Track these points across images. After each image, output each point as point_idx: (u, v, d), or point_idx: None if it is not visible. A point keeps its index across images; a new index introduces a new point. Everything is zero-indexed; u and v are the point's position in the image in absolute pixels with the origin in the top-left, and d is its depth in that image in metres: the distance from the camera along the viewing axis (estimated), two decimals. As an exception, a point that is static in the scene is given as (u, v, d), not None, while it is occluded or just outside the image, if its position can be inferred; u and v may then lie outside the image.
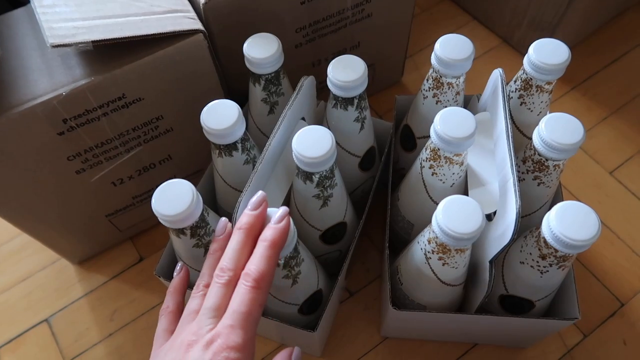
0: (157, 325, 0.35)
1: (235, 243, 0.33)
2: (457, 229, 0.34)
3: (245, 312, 0.30)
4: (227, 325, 0.29)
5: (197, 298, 0.33)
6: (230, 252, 0.33)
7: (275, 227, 0.33)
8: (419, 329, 0.51)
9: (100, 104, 0.42)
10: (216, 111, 0.40)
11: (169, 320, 0.35)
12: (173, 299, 0.37)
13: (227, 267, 0.32)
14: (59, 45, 0.37)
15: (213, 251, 0.35)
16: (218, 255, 0.34)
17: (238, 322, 0.29)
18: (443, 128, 0.38)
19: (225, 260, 0.32)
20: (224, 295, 0.31)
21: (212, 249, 0.35)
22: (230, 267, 0.32)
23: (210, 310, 0.31)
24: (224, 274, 0.32)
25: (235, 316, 0.30)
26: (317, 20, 0.52)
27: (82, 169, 0.47)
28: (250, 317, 0.30)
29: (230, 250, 0.33)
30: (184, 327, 0.32)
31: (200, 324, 0.30)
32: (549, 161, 0.39)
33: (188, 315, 0.32)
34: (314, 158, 0.37)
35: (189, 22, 0.42)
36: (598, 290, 0.56)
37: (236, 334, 0.29)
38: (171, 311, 0.36)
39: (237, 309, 0.30)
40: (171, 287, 0.38)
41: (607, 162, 0.64)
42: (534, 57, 0.41)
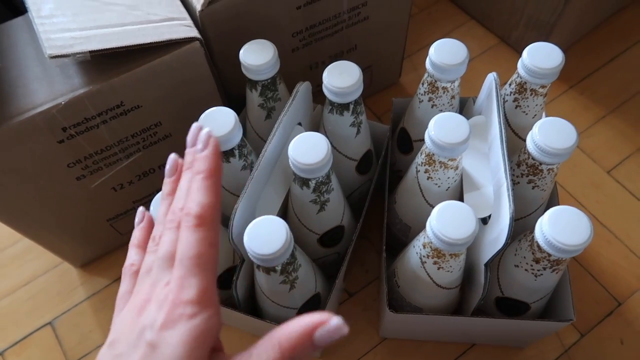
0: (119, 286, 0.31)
1: (185, 181, 0.29)
2: (451, 234, 0.35)
3: (193, 255, 0.25)
4: (177, 277, 0.25)
5: (152, 253, 0.29)
6: (181, 192, 0.29)
7: (202, 155, 0.29)
8: (417, 330, 0.52)
9: (99, 112, 0.43)
10: (213, 118, 0.41)
11: (132, 280, 0.30)
12: (138, 255, 0.31)
13: (177, 208, 0.28)
14: (58, 56, 0.37)
15: (165, 195, 0.31)
16: (170, 199, 0.30)
17: (188, 270, 0.25)
18: (437, 134, 0.38)
19: (175, 202, 0.28)
20: (176, 239, 0.27)
21: (164, 193, 0.31)
22: (181, 206, 0.28)
23: (163, 260, 0.27)
24: (175, 217, 0.28)
25: (183, 264, 0.25)
26: (314, 24, 0.53)
27: (82, 176, 0.47)
28: (201, 260, 0.26)
29: (181, 190, 0.29)
30: (139, 286, 0.28)
31: (154, 279, 0.27)
32: (543, 165, 0.39)
33: (143, 273, 0.28)
34: (309, 164, 0.38)
35: (186, 30, 0.42)
36: (595, 290, 0.56)
37: (188, 284, 0.25)
38: (136, 270, 0.30)
39: (183, 255, 0.26)
40: (134, 240, 0.32)
41: (605, 162, 0.64)
42: (527, 62, 0.41)
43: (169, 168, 0.31)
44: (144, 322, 0.25)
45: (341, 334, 0.24)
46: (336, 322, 0.24)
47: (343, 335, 0.24)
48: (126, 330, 0.26)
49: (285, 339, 0.24)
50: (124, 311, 0.27)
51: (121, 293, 0.29)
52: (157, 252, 0.27)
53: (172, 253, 0.27)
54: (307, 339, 0.24)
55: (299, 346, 0.24)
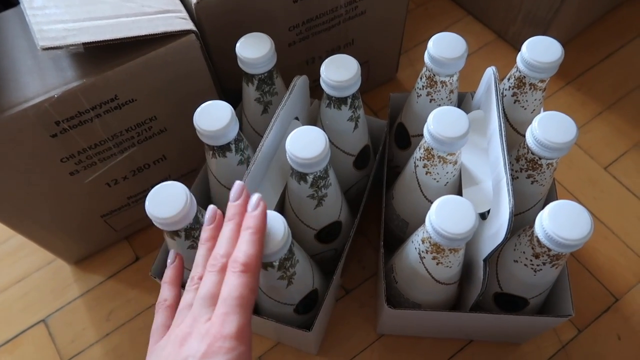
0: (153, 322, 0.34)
1: (228, 231, 0.32)
2: (451, 229, 0.35)
3: (237, 297, 0.29)
4: (220, 314, 0.29)
5: (191, 291, 0.32)
6: (224, 240, 0.32)
7: (253, 214, 0.33)
8: (414, 326, 0.51)
9: (92, 105, 0.42)
10: (209, 112, 0.40)
11: (166, 314, 0.34)
12: (170, 291, 0.35)
13: (219, 255, 0.31)
14: (50, 48, 0.36)
15: (204, 241, 0.34)
16: (210, 245, 0.34)
17: (230, 309, 0.29)
18: (436, 128, 0.38)
19: (217, 249, 0.32)
20: (218, 283, 0.30)
21: (204, 238, 0.34)
22: (223, 254, 0.31)
23: (204, 299, 0.30)
24: (217, 262, 0.31)
25: (227, 303, 0.29)
26: (311, 18, 0.52)
27: (75, 171, 0.47)
28: (243, 302, 0.29)
29: (223, 239, 0.32)
30: (179, 320, 0.31)
31: (195, 315, 0.30)
32: (542, 160, 0.39)
33: (183, 309, 0.31)
34: (307, 159, 0.37)
35: (181, 23, 0.42)
36: (592, 286, 0.56)
37: (230, 320, 0.28)
38: (169, 305, 0.34)
39: (227, 295, 0.29)
40: (166, 278, 0.37)
41: (602, 158, 0.64)
42: (527, 56, 0.41)
43: (209, 216, 0.35)
44: (186, 352, 0.28)
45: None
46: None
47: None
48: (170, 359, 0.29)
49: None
50: (164, 342, 0.31)
51: (156, 326, 0.33)
52: (199, 291, 0.30)
53: (214, 293, 0.30)
54: None
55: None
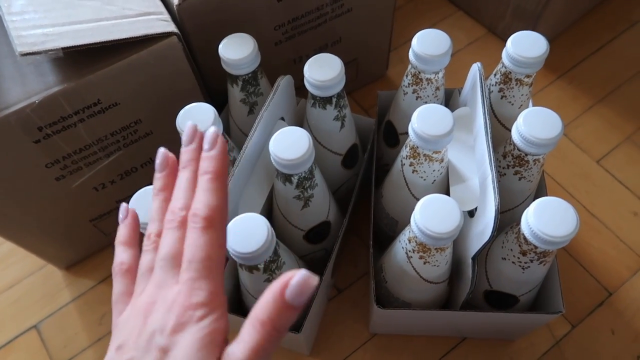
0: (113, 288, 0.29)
1: (184, 180, 0.28)
2: (435, 228, 0.34)
3: (203, 257, 0.25)
4: (186, 280, 0.25)
5: (150, 252, 0.28)
6: (180, 191, 0.28)
7: (210, 155, 0.28)
8: (406, 325, 0.51)
9: (75, 110, 0.42)
10: (192, 115, 0.40)
11: (126, 280, 0.29)
12: (126, 252, 0.30)
13: (177, 207, 0.27)
14: (28, 54, 0.36)
15: (158, 191, 0.30)
16: (165, 195, 0.29)
17: (197, 273, 0.25)
18: (420, 126, 0.38)
19: (174, 202, 0.28)
20: (179, 239, 0.26)
21: (156, 188, 0.30)
22: (181, 206, 0.27)
23: (166, 260, 0.26)
24: (175, 216, 0.27)
25: (192, 266, 0.25)
26: (296, 17, 0.52)
27: (61, 176, 0.46)
28: (211, 263, 0.25)
29: (179, 189, 0.28)
30: (141, 287, 0.27)
31: (157, 280, 0.26)
32: (529, 156, 0.39)
33: (143, 274, 0.27)
34: (291, 160, 0.37)
35: (162, 25, 0.41)
36: (585, 280, 0.56)
37: (198, 286, 0.25)
38: (127, 268, 0.29)
39: (192, 257, 0.25)
40: (119, 237, 0.31)
41: (594, 151, 0.64)
42: (512, 51, 0.41)
43: (159, 162, 0.30)
44: (153, 325, 0.24)
45: (310, 285, 0.24)
46: (301, 274, 0.24)
47: (313, 286, 0.24)
48: (134, 335, 0.25)
49: (261, 311, 0.24)
50: (127, 314, 0.27)
51: (117, 294, 0.28)
52: (159, 252, 0.27)
53: (176, 253, 0.26)
54: (281, 303, 0.24)
55: (276, 313, 0.24)
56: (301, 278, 0.23)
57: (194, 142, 0.29)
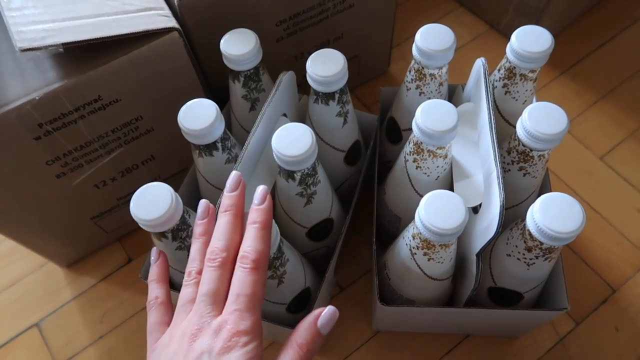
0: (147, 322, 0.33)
1: (224, 224, 0.32)
2: (440, 224, 0.34)
3: (250, 294, 0.29)
4: (233, 310, 0.29)
5: (190, 286, 0.32)
6: (220, 233, 0.32)
7: (259, 208, 0.32)
8: (409, 323, 0.51)
9: (75, 106, 0.41)
10: (194, 111, 0.39)
11: (161, 311, 0.33)
12: (159, 289, 0.35)
13: (219, 249, 0.31)
14: (28, 49, 0.36)
15: (198, 235, 0.34)
16: (204, 239, 0.33)
17: (244, 305, 0.29)
18: (424, 121, 0.37)
19: (215, 243, 0.31)
20: (220, 279, 0.30)
21: (197, 233, 0.34)
22: (222, 248, 0.31)
23: (208, 296, 0.30)
24: (217, 257, 0.31)
25: (240, 299, 0.29)
26: (298, 12, 0.51)
27: (62, 173, 0.46)
28: (255, 299, 0.29)
29: (220, 231, 0.32)
30: (181, 318, 0.30)
31: (200, 312, 0.29)
32: (534, 152, 0.38)
33: (183, 306, 0.31)
34: (294, 156, 0.37)
35: (163, 20, 0.41)
36: (589, 277, 0.56)
37: (244, 317, 0.28)
38: (162, 302, 0.34)
39: (240, 292, 0.29)
40: (152, 276, 0.36)
41: (598, 148, 0.64)
42: (516, 46, 0.40)
43: (201, 212, 0.34)
44: (200, 347, 0.28)
45: (336, 317, 0.31)
46: (330, 308, 0.31)
47: (337, 317, 0.31)
48: (180, 355, 0.28)
49: (299, 336, 0.30)
50: (167, 338, 0.30)
51: (152, 324, 0.32)
52: (202, 288, 0.30)
53: (217, 291, 0.30)
54: (314, 330, 0.30)
55: (310, 339, 0.30)
56: (330, 310, 0.31)
57: (237, 190, 0.33)
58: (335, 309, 0.30)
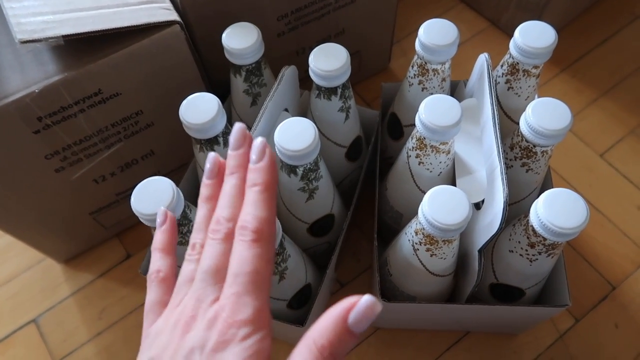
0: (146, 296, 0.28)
1: (230, 188, 0.27)
2: (443, 220, 0.34)
3: (250, 272, 0.24)
4: (231, 294, 0.23)
5: (192, 261, 0.26)
6: (226, 199, 0.26)
7: (259, 166, 0.26)
8: (410, 319, 0.51)
9: (75, 100, 0.41)
10: (195, 105, 0.39)
11: (162, 289, 0.27)
12: (163, 260, 0.28)
13: (224, 218, 0.26)
14: (28, 41, 0.35)
15: (205, 199, 0.28)
16: (212, 205, 0.28)
17: (243, 287, 0.23)
18: (428, 116, 0.37)
19: (220, 211, 0.26)
20: (223, 253, 0.25)
21: (203, 196, 0.28)
22: (228, 217, 0.26)
23: (208, 273, 0.25)
24: (221, 227, 0.26)
25: (238, 280, 0.23)
26: (299, 7, 0.51)
27: (61, 168, 0.45)
28: (257, 278, 0.24)
29: (226, 197, 0.26)
30: (178, 298, 0.26)
31: (198, 293, 0.24)
32: (537, 147, 0.38)
33: (182, 284, 0.26)
34: (296, 151, 0.36)
35: (164, 13, 0.41)
36: (589, 274, 0.56)
37: (243, 302, 0.23)
38: (164, 277, 0.28)
39: (238, 270, 0.24)
40: (156, 243, 0.29)
41: (598, 145, 0.64)
42: (520, 41, 0.40)
43: (209, 168, 0.28)
44: (192, 342, 0.23)
45: (376, 312, 0.22)
46: (366, 299, 0.22)
47: (377, 312, 0.22)
48: (170, 350, 0.24)
49: (319, 335, 0.22)
50: (161, 324, 0.25)
51: (150, 303, 0.27)
52: (201, 264, 0.25)
53: (219, 267, 0.25)
54: (342, 329, 0.22)
55: (335, 339, 0.22)
56: (367, 303, 0.21)
57: (243, 147, 0.27)
58: (374, 301, 0.22)
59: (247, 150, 0.27)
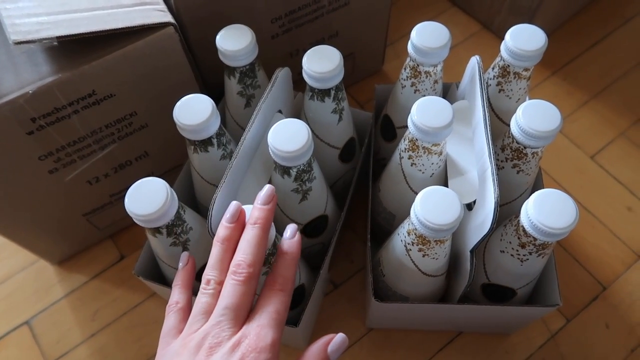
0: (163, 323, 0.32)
1: (252, 237, 0.31)
2: (435, 220, 0.34)
3: (275, 311, 0.29)
4: (256, 326, 0.28)
5: (208, 296, 0.30)
6: (249, 247, 0.31)
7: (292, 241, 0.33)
8: (403, 319, 0.51)
9: (69, 101, 0.41)
10: (189, 106, 0.39)
11: (178, 317, 0.32)
12: (182, 294, 0.34)
13: (245, 263, 0.30)
14: (22, 42, 0.35)
15: (222, 240, 0.32)
16: (227, 246, 0.32)
17: (267, 322, 0.29)
18: (420, 118, 0.37)
19: (242, 256, 0.30)
20: (245, 294, 0.29)
21: (221, 236, 0.32)
22: (250, 263, 0.30)
23: (231, 310, 0.29)
24: (244, 271, 0.30)
25: (264, 316, 0.29)
26: (293, 9, 0.51)
27: (55, 169, 0.45)
28: (279, 317, 0.29)
29: (248, 244, 0.31)
30: (195, 327, 0.30)
31: (220, 325, 0.29)
32: (527, 149, 0.39)
33: (199, 315, 0.30)
34: (290, 152, 0.37)
35: (159, 15, 0.41)
36: (580, 275, 0.56)
37: (265, 333, 0.28)
38: (181, 308, 0.33)
39: (266, 309, 0.29)
40: (178, 280, 0.35)
41: (588, 147, 0.64)
42: (510, 44, 0.40)
43: (231, 214, 0.33)
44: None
45: (345, 344, 0.30)
46: (340, 336, 0.30)
47: (346, 345, 0.30)
48: None
49: None
50: (179, 346, 0.29)
51: (167, 329, 0.32)
52: (225, 300, 0.29)
53: (240, 306, 0.29)
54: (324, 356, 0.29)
55: None
56: (341, 338, 0.30)
57: (269, 204, 0.33)
58: (345, 337, 0.30)
59: (272, 207, 0.33)
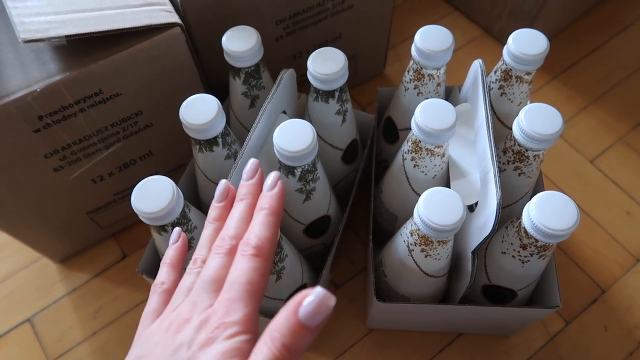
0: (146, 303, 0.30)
1: (239, 212, 0.30)
2: (439, 220, 0.35)
3: (245, 282, 0.26)
4: (224, 300, 0.25)
5: (192, 274, 0.29)
6: (234, 221, 0.29)
7: (269, 194, 0.30)
8: (404, 320, 0.51)
9: (76, 99, 0.41)
10: (195, 106, 0.40)
11: (161, 299, 0.30)
12: (169, 274, 0.31)
13: (228, 236, 0.29)
14: (31, 41, 0.36)
15: (212, 220, 0.31)
16: (218, 225, 0.31)
17: (237, 294, 0.25)
18: (424, 120, 0.38)
19: (226, 230, 0.29)
20: (224, 266, 0.27)
21: (211, 217, 0.31)
22: (232, 235, 0.29)
23: (207, 282, 0.27)
24: (225, 243, 0.28)
25: (233, 288, 0.26)
26: (297, 12, 0.52)
27: (60, 167, 0.46)
28: (252, 288, 0.26)
29: (234, 219, 0.30)
30: (175, 304, 0.28)
31: (194, 299, 0.27)
32: (529, 151, 0.39)
33: (180, 292, 0.28)
34: (295, 152, 0.37)
35: (166, 15, 0.41)
36: (579, 278, 0.57)
37: (235, 307, 0.25)
38: (166, 289, 0.30)
39: (235, 279, 0.26)
40: (166, 259, 0.32)
41: (588, 151, 0.65)
42: (513, 48, 0.41)
43: (220, 193, 0.32)
44: (181, 339, 0.25)
45: (328, 305, 0.22)
46: (316, 292, 0.22)
47: (330, 306, 0.22)
48: (159, 347, 0.25)
49: (274, 329, 0.23)
50: (155, 327, 0.27)
51: (148, 310, 0.29)
52: (202, 274, 0.28)
53: (218, 277, 0.27)
54: (293, 322, 0.22)
55: (288, 332, 0.22)
56: (316, 297, 0.22)
57: (254, 178, 0.31)
58: (325, 293, 0.22)
59: (257, 182, 0.31)
